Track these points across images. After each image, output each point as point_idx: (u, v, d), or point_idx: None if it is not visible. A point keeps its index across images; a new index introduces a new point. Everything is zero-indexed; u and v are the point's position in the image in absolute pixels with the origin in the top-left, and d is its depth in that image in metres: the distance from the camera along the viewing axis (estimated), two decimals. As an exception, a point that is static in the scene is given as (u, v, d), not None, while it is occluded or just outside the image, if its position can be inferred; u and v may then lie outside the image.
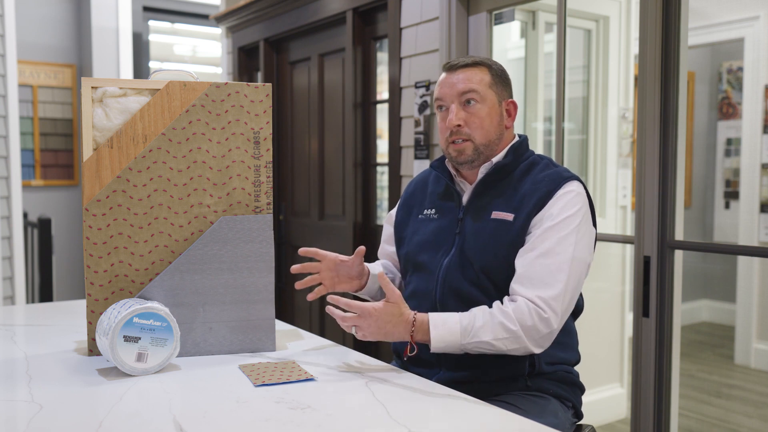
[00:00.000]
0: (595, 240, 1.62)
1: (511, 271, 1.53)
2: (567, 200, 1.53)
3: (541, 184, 1.55)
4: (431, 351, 1.48)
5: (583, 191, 1.57)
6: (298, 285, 1.67)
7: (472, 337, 1.45)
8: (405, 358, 1.53)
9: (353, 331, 1.47)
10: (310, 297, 1.65)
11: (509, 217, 1.55)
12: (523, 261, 1.50)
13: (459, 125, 1.59)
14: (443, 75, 1.64)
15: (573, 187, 1.55)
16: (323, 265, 1.68)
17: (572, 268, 1.49)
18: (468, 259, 1.57)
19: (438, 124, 1.66)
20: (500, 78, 1.63)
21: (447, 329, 1.46)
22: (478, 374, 1.54)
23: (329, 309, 1.47)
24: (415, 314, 1.48)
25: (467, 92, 1.58)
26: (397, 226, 1.78)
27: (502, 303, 1.49)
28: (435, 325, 1.47)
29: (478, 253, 1.56)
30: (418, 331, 1.47)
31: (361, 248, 1.65)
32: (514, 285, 1.50)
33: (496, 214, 1.57)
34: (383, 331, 1.46)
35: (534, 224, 1.52)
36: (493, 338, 1.45)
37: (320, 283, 1.70)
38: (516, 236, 1.53)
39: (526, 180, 1.58)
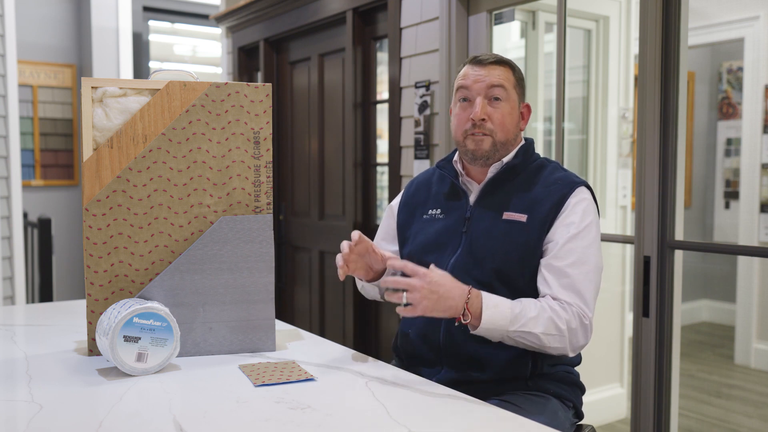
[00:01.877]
0: None
1: (524, 273, 1.54)
2: (584, 207, 1.54)
3: (553, 187, 1.57)
4: (474, 332, 1.44)
5: (593, 198, 1.60)
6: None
7: (521, 326, 1.43)
8: (456, 324, 1.46)
9: (403, 301, 1.38)
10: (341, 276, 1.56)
11: (522, 218, 1.55)
12: (553, 269, 1.50)
13: (483, 119, 1.58)
14: (468, 67, 1.63)
15: (586, 194, 1.57)
16: (358, 248, 1.57)
17: (596, 275, 1.53)
18: (477, 260, 1.56)
19: (456, 114, 1.63)
20: (520, 80, 1.65)
21: (499, 312, 1.42)
22: (479, 374, 1.54)
23: (384, 280, 1.41)
24: (470, 288, 1.44)
25: (496, 87, 1.58)
26: (401, 227, 1.76)
27: (548, 299, 1.49)
28: (487, 305, 1.42)
29: (491, 255, 1.55)
30: (471, 304, 1.41)
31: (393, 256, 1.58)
32: (553, 290, 1.49)
33: (508, 215, 1.57)
34: (436, 295, 1.38)
35: (555, 231, 1.53)
36: (542, 332, 1.44)
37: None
38: (531, 238, 1.53)
39: (537, 182, 1.59)
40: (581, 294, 1.49)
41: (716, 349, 4.73)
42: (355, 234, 1.55)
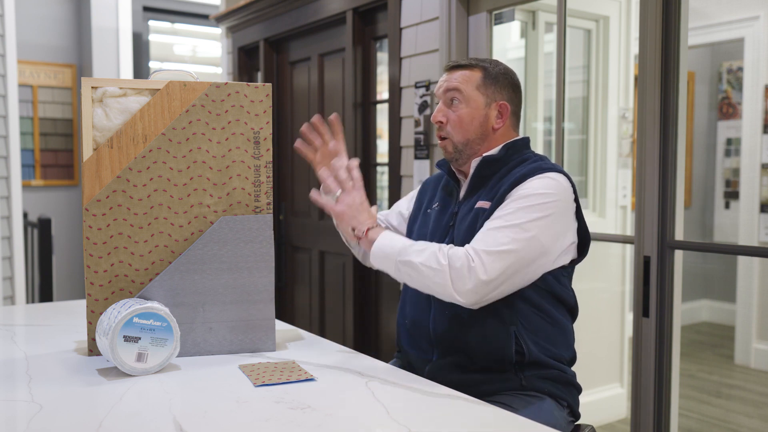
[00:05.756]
0: (586, 239, 1.62)
1: None
2: (540, 183, 1.53)
3: (521, 173, 1.57)
4: (371, 259, 1.59)
5: (565, 183, 1.56)
6: (298, 144, 1.76)
7: (406, 255, 1.52)
8: (353, 232, 1.63)
9: (336, 192, 1.64)
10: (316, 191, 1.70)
11: (487, 205, 1.58)
12: (480, 230, 1.53)
13: (441, 122, 1.66)
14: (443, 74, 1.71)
15: (552, 175, 1.55)
16: (324, 148, 1.77)
17: (523, 241, 1.47)
18: None
19: None
20: (494, 79, 1.64)
21: (389, 242, 1.56)
22: (468, 358, 1.57)
23: (336, 170, 1.64)
24: (377, 224, 1.63)
25: (450, 91, 1.65)
26: (410, 219, 1.85)
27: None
28: (384, 235, 1.58)
29: (461, 240, 1.59)
30: (372, 229, 1.60)
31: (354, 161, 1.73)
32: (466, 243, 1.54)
33: (480, 203, 1.61)
34: (355, 208, 1.62)
35: (504, 202, 1.55)
36: (420, 262, 1.49)
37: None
38: (488, 218, 1.56)
39: (512, 173, 1.60)
40: (488, 244, 1.47)
41: (716, 349, 4.73)
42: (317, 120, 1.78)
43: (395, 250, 1.54)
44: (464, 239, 1.58)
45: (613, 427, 3.24)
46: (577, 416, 1.66)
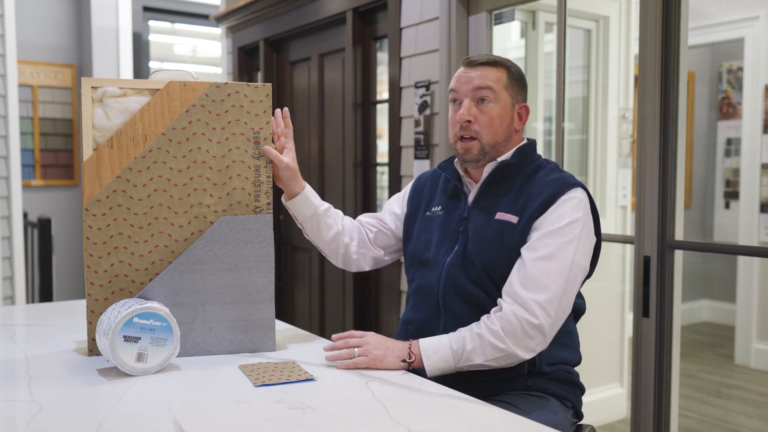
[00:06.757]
0: (599, 249, 1.62)
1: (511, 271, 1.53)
2: (571, 206, 1.52)
3: (546, 188, 1.55)
4: (428, 374, 1.50)
5: (587, 199, 1.57)
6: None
7: (465, 361, 1.48)
8: (402, 361, 1.52)
9: (355, 353, 1.48)
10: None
11: (514, 219, 1.55)
12: (522, 262, 1.50)
13: (469, 121, 1.58)
14: (461, 69, 1.63)
15: (577, 193, 1.55)
16: (288, 136, 1.73)
17: (571, 273, 1.49)
18: (470, 258, 1.58)
19: (449, 117, 1.66)
20: (517, 80, 1.63)
21: (439, 357, 1.49)
22: (479, 372, 1.55)
23: (335, 342, 1.53)
24: (410, 342, 1.52)
25: (482, 89, 1.58)
26: (407, 219, 1.78)
27: (489, 317, 1.49)
28: (427, 355, 1.49)
29: (481, 252, 1.56)
30: (413, 348, 1.50)
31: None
32: (513, 285, 1.49)
33: (501, 215, 1.57)
34: (384, 346, 1.50)
35: (536, 227, 1.52)
36: (484, 360, 1.47)
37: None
38: (519, 238, 1.53)
39: (532, 183, 1.58)
40: (545, 287, 1.46)
41: (716, 349, 4.73)
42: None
43: (449, 363, 1.49)
44: (484, 250, 1.55)
45: (613, 427, 3.24)
46: (581, 416, 1.66)
